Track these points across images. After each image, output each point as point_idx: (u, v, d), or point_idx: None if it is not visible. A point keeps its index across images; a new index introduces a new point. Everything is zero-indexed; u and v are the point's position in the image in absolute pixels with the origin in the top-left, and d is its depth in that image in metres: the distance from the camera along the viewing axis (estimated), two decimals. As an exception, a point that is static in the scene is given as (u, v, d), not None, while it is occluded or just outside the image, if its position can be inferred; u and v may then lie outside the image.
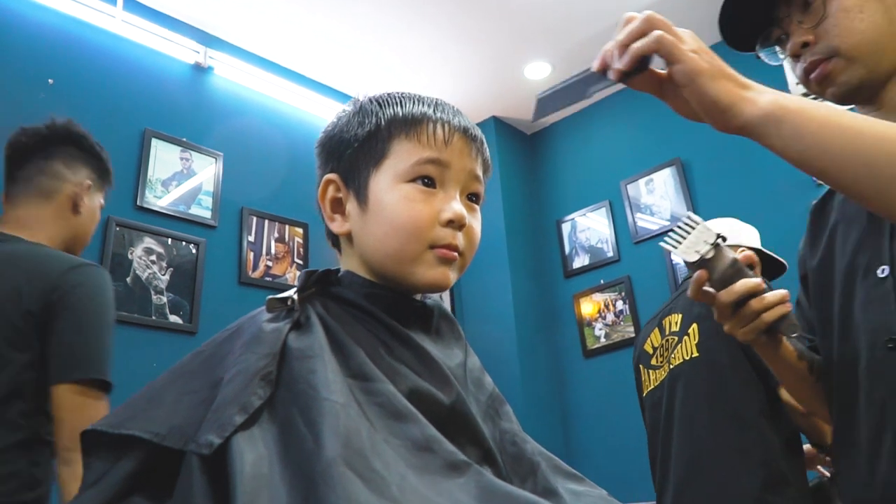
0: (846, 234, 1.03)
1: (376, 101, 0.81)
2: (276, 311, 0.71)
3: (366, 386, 0.65)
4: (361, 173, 0.78)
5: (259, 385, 0.61)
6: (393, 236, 0.75)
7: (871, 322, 0.94)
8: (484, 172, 0.84)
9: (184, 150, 2.86)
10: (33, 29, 2.59)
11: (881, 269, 0.94)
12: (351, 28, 3.16)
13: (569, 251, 3.76)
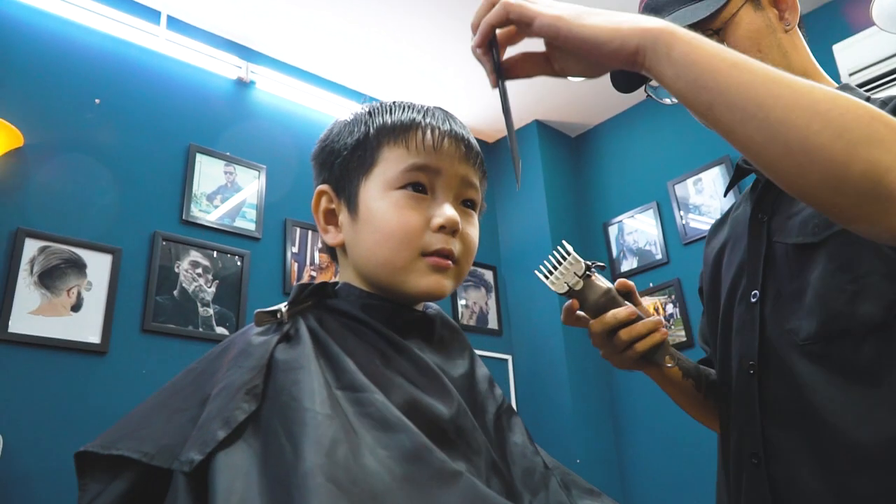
0: (732, 254, 1.00)
1: (367, 109, 0.80)
2: (265, 324, 0.70)
3: (356, 397, 0.62)
4: (352, 182, 0.77)
5: (244, 399, 0.60)
6: (384, 244, 0.73)
7: (740, 346, 0.92)
8: (481, 178, 0.81)
9: (227, 163, 2.90)
10: (81, 52, 2.66)
11: (753, 293, 0.92)
12: (389, 37, 3.17)
13: (616, 254, 3.69)
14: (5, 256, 2.24)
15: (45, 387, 2.18)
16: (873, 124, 0.60)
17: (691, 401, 1.05)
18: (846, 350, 0.80)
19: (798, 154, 0.60)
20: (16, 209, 2.31)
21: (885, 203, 0.58)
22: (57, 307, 2.27)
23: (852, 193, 0.59)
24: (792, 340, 0.85)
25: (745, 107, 0.62)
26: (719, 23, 0.89)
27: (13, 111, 2.35)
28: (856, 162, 0.58)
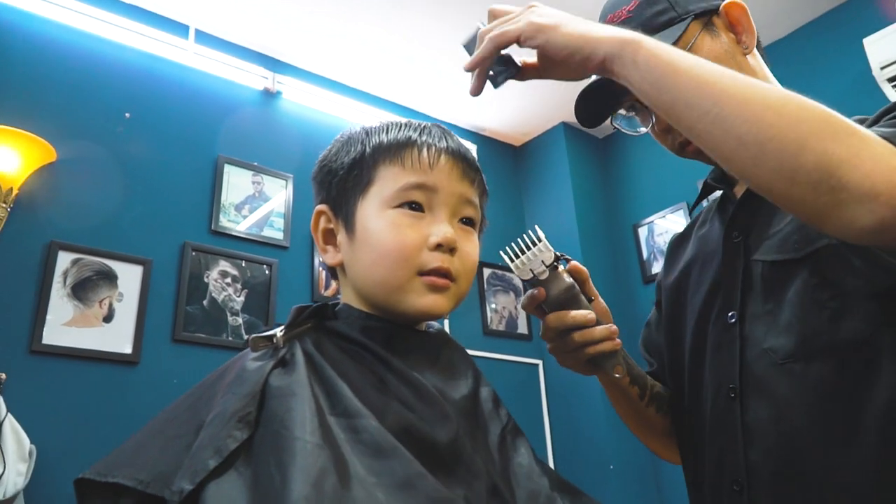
0: (701, 273, 0.97)
1: (364, 128, 0.80)
2: (261, 349, 0.70)
3: (350, 423, 0.62)
4: (349, 202, 0.77)
5: (236, 427, 0.59)
6: (380, 264, 0.73)
7: (717, 367, 0.89)
8: (480, 196, 0.81)
9: (255, 173, 2.93)
10: (111, 67, 2.72)
11: (731, 313, 0.89)
12: (415, 43, 3.17)
13: (647, 256, 3.64)
14: (39, 269, 2.29)
15: (78, 397, 2.22)
16: (827, 118, 0.62)
17: (632, 409, 1.03)
18: (828, 369, 0.77)
19: (752, 145, 0.62)
20: (49, 223, 2.37)
21: (838, 194, 0.59)
22: (89, 318, 2.32)
23: (805, 183, 0.60)
24: (772, 360, 0.82)
25: (701, 103, 0.66)
26: None
27: (46, 127, 2.41)
28: (808, 152, 0.60)
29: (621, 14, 0.93)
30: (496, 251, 3.38)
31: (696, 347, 0.95)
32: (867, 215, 0.59)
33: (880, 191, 0.58)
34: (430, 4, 2.94)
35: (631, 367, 0.98)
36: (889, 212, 0.58)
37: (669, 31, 0.88)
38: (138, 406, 2.31)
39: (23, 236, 2.30)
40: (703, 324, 0.94)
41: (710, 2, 0.91)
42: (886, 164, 0.59)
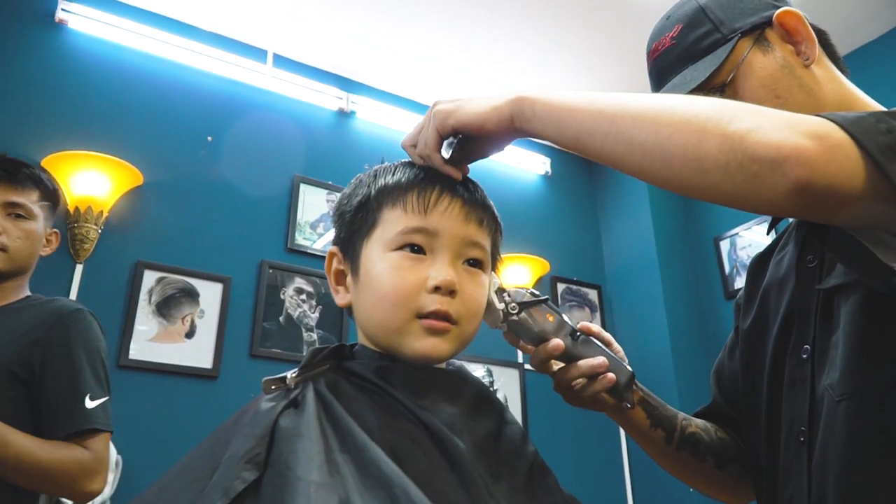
0: (777, 301, 0.90)
1: (373, 171, 0.81)
2: (274, 391, 0.70)
3: (358, 458, 0.62)
4: (355, 244, 0.77)
5: (245, 468, 0.60)
6: (379, 307, 0.73)
7: (790, 407, 0.82)
8: (492, 234, 0.80)
9: (329, 192, 3.00)
10: (194, 93, 2.85)
11: (805, 347, 0.81)
12: (483, 57, 3.19)
13: (729, 270, 3.50)
14: (127, 287, 2.42)
15: (160, 409, 2.33)
16: (722, 105, 0.63)
17: (660, 454, 0.96)
18: (887, 405, 0.70)
19: (655, 150, 0.64)
20: (136, 243, 2.50)
21: (749, 168, 0.58)
22: (172, 334, 2.43)
23: (715, 169, 0.60)
24: (831, 398, 0.75)
25: (600, 128, 0.68)
26: (724, 76, 0.83)
27: (134, 152, 2.55)
28: (709, 138, 0.60)
29: (665, 42, 0.90)
30: (571, 265, 3.33)
31: (773, 380, 0.88)
32: (782, 181, 0.57)
33: (787, 153, 0.57)
34: (506, 23, 2.95)
35: (653, 408, 0.93)
36: (801, 170, 0.57)
37: (715, 54, 0.84)
38: (217, 419, 2.36)
39: (112, 256, 2.44)
40: (780, 355, 0.88)
41: (760, 14, 0.86)
42: (789, 129, 0.58)
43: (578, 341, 0.83)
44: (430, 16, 2.92)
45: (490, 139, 0.79)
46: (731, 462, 0.99)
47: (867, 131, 0.58)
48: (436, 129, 0.78)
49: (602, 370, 0.82)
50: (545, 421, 3.15)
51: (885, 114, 0.61)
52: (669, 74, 0.89)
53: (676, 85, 0.86)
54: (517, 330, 0.83)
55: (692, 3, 0.89)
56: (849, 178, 0.57)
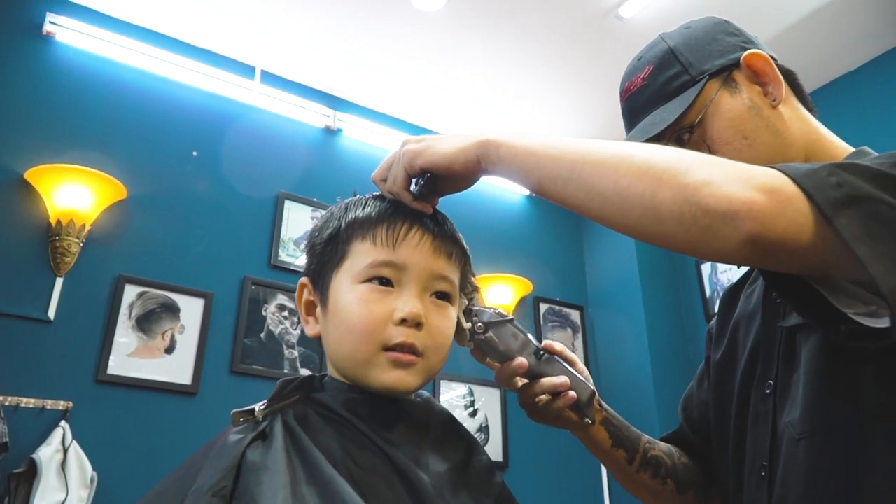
0: (746, 335, 0.92)
1: (344, 204, 0.82)
2: (242, 424, 0.70)
3: (324, 490, 0.62)
4: (325, 276, 0.78)
5: (210, 502, 0.61)
6: (346, 338, 0.74)
7: (754, 442, 0.84)
8: (461, 267, 0.81)
9: (314, 209, 3.00)
10: (181, 108, 2.85)
11: (769, 382, 0.83)
12: (471, 78, 3.21)
13: (710, 294, 3.53)
14: (108, 301, 2.40)
15: (139, 426, 2.31)
16: (678, 156, 0.64)
17: (622, 474, 0.98)
18: (848, 443, 0.71)
19: (613, 199, 0.65)
20: (118, 257, 2.48)
21: (702, 220, 0.59)
22: (152, 350, 2.41)
23: (670, 219, 0.61)
24: (791, 435, 0.76)
25: (560, 173, 0.69)
26: (693, 117, 0.85)
27: (118, 166, 2.55)
28: (664, 189, 0.62)
29: (636, 82, 0.91)
30: (553, 286, 3.36)
31: (739, 418, 0.90)
32: (734, 233, 0.58)
33: (738, 207, 0.58)
34: (492, 43, 2.98)
35: (616, 429, 0.95)
36: (752, 224, 0.58)
37: (683, 96, 0.85)
38: (196, 436, 2.37)
39: (93, 270, 2.42)
40: (746, 389, 0.89)
41: (728, 56, 0.87)
42: (741, 182, 0.59)
43: (542, 360, 0.85)
44: (419, 36, 2.95)
45: (457, 178, 0.80)
46: (692, 487, 1.00)
47: (818, 185, 0.59)
48: (404, 168, 0.79)
49: (563, 388, 0.84)
50: (526, 441, 3.15)
51: (837, 166, 0.61)
52: (641, 114, 0.90)
53: (647, 125, 0.87)
54: (483, 348, 0.85)
55: (662, 45, 0.91)
56: (799, 232, 0.58)
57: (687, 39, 0.90)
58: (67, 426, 2.13)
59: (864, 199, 0.58)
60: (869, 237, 0.57)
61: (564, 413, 0.86)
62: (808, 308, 0.68)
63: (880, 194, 0.59)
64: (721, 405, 0.95)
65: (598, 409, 0.92)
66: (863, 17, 2.82)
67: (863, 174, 0.60)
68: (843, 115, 2.92)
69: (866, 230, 0.57)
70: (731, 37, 0.90)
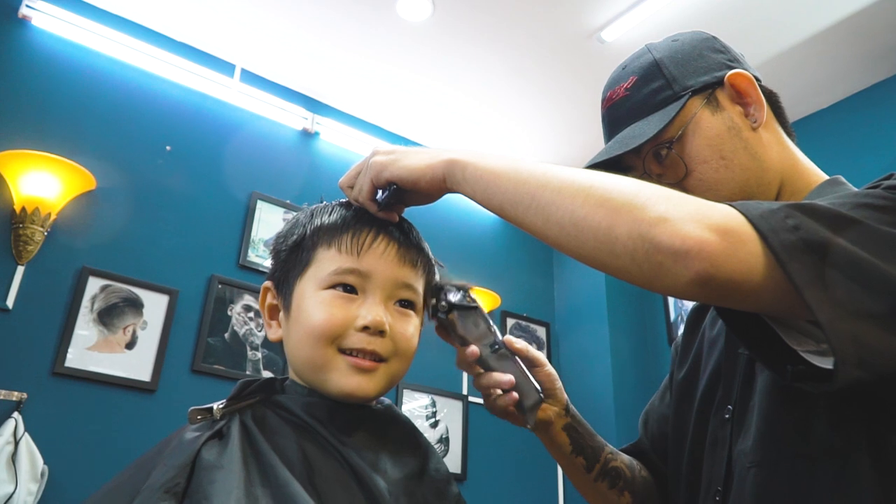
0: (708, 358, 0.93)
1: (310, 210, 0.83)
2: (199, 422, 0.71)
3: (277, 493, 0.62)
4: (290, 281, 0.79)
5: (162, 498, 0.61)
6: (306, 342, 0.75)
7: (710, 465, 0.84)
8: (425, 275, 0.82)
9: (287, 211, 2.99)
10: (157, 101, 2.82)
11: (728, 407, 0.84)
12: (453, 90, 3.23)
13: (674, 318, 3.58)
14: (69, 293, 2.36)
15: (94, 421, 2.26)
16: (637, 191, 0.63)
17: (580, 480, 0.98)
18: (796, 475, 0.72)
19: (569, 228, 0.66)
20: (83, 248, 2.44)
21: (654, 257, 0.60)
22: (112, 344, 2.37)
23: (624, 254, 0.62)
24: (744, 464, 0.77)
25: (521, 199, 0.70)
26: (673, 133, 0.85)
27: (89, 156, 2.51)
28: (619, 225, 0.62)
29: (619, 92, 0.91)
30: (521, 301, 3.38)
31: (695, 441, 0.91)
32: (684, 272, 0.58)
33: (689, 246, 0.58)
34: (475, 57, 3.00)
35: (578, 436, 0.95)
36: (702, 264, 0.58)
37: (665, 110, 0.85)
38: (152, 434, 2.32)
39: (56, 260, 2.38)
40: (705, 413, 0.90)
41: (713, 74, 0.87)
42: (695, 221, 0.59)
43: (496, 354, 0.85)
44: (403, 45, 2.96)
45: (422, 193, 0.80)
46: (649, 501, 1.01)
47: (774, 228, 0.59)
48: (370, 179, 0.79)
49: (505, 387, 0.83)
50: (486, 452, 3.15)
51: (795, 208, 0.62)
52: (621, 125, 0.90)
53: (626, 137, 0.87)
54: (446, 327, 0.86)
55: (648, 57, 0.91)
56: (749, 273, 0.59)
57: (673, 53, 0.90)
58: (20, 418, 2.09)
59: (819, 243, 0.59)
60: (821, 283, 0.57)
61: (511, 411, 0.86)
62: (758, 345, 0.69)
63: (836, 239, 0.59)
64: (679, 425, 0.96)
65: (562, 414, 0.93)
66: (832, 58, 2.89)
67: (820, 217, 0.60)
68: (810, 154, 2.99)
69: (819, 275, 0.57)
70: (717, 53, 0.90)
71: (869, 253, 0.59)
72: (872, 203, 0.63)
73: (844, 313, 0.56)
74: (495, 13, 2.76)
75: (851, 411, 0.69)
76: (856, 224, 0.60)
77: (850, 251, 0.59)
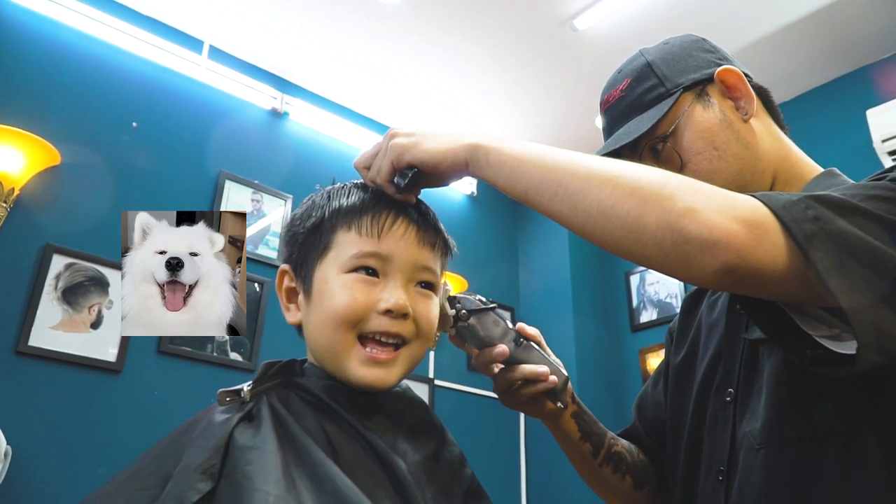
0: (707, 342, 0.97)
1: (327, 192, 0.82)
2: (228, 403, 0.71)
3: (313, 472, 0.63)
4: (308, 264, 0.79)
5: (199, 479, 0.61)
6: (326, 326, 0.75)
7: (711, 446, 0.88)
8: (442, 257, 0.83)
9: (255, 191, 2.96)
10: (123, 76, 2.76)
11: (729, 391, 0.88)
12: (425, 74, 3.22)
13: (637, 304, 3.66)
14: (33, 270, 2.31)
15: (58, 401, 2.23)
16: (665, 180, 0.65)
17: (585, 467, 1.01)
18: (805, 456, 0.75)
19: (597, 216, 0.67)
20: (47, 225, 2.39)
21: (682, 247, 0.62)
22: (77, 323, 2.33)
23: (652, 243, 0.63)
24: (750, 445, 0.80)
25: (547, 187, 0.71)
26: (666, 127, 0.88)
27: (52, 130, 2.44)
28: (648, 214, 0.64)
29: (615, 94, 0.95)
30: (487, 286, 3.39)
31: (695, 419, 0.94)
32: (711, 262, 0.61)
33: (718, 237, 0.60)
34: (447, 41, 3.00)
35: (585, 423, 0.99)
36: (729, 255, 0.60)
37: (658, 107, 0.89)
38: (118, 415, 2.31)
39: (19, 237, 2.32)
40: (704, 395, 0.93)
41: (703, 71, 0.91)
42: (723, 213, 0.62)
43: (521, 347, 0.88)
44: (376, 27, 2.94)
45: (441, 176, 0.81)
46: (648, 484, 1.05)
47: (796, 218, 0.62)
48: (391, 162, 0.79)
49: (543, 378, 0.87)
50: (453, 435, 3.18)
51: (813, 199, 0.64)
52: (618, 124, 0.93)
53: (622, 133, 0.90)
54: (464, 334, 0.87)
55: (641, 59, 0.95)
56: (773, 262, 0.61)
57: (664, 54, 0.93)
58: (-19, 398, 2.05)
59: (837, 232, 0.62)
60: (841, 270, 0.60)
61: (538, 398, 0.89)
62: (776, 330, 0.71)
63: (852, 229, 0.62)
64: (677, 408, 1.00)
65: (570, 402, 0.96)
66: (795, 53, 2.97)
67: (837, 208, 0.64)
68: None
69: (839, 263, 0.60)
70: (706, 53, 0.94)
71: (882, 242, 0.62)
72: (881, 195, 0.66)
73: (864, 301, 0.59)
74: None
75: (858, 394, 0.72)
76: (868, 215, 0.64)
77: (865, 241, 0.62)
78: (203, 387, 2.50)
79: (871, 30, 2.88)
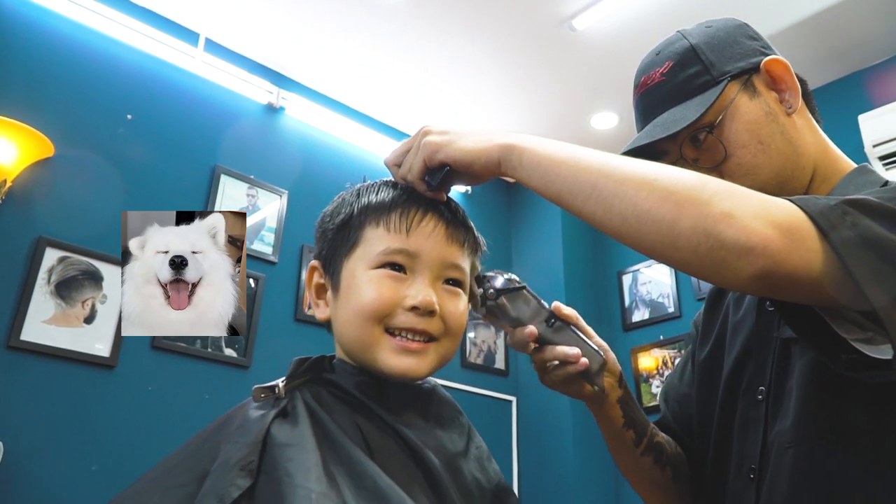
0: (733, 338, 0.96)
1: (356, 189, 0.82)
2: (263, 400, 0.71)
3: (352, 470, 0.63)
4: (337, 260, 0.79)
5: (238, 475, 0.61)
6: (354, 321, 0.75)
7: (742, 446, 0.88)
8: (471, 254, 0.82)
9: (251, 186, 2.94)
10: (119, 67, 2.72)
11: (760, 388, 0.87)
12: (423, 72, 3.22)
13: (629, 304, 3.68)
14: (25, 264, 2.27)
15: (51, 396, 2.20)
16: (701, 185, 0.65)
17: (626, 454, 0.99)
18: (833, 457, 0.75)
19: (632, 220, 0.67)
20: (40, 217, 2.35)
21: (717, 252, 0.62)
22: (70, 318, 2.30)
23: (687, 248, 0.63)
24: (781, 444, 0.80)
25: (582, 189, 0.70)
26: (712, 118, 0.85)
27: (46, 122, 2.41)
28: (683, 219, 0.63)
29: (654, 77, 0.91)
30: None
31: (724, 416, 0.93)
32: (746, 268, 0.61)
33: (754, 243, 0.60)
34: (446, 39, 2.99)
35: (630, 410, 0.96)
36: (765, 261, 0.60)
37: (704, 95, 0.85)
38: (111, 410, 2.28)
39: (11, 229, 2.29)
40: (732, 393, 0.92)
41: (749, 60, 0.88)
42: (760, 218, 0.62)
43: (553, 327, 0.86)
44: (374, 24, 2.93)
45: (473, 175, 0.80)
46: (684, 477, 1.03)
47: (833, 224, 0.62)
48: (423, 159, 0.78)
49: (574, 360, 0.84)
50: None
51: (849, 204, 0.64)
52: (657, 110, 0.89)
53: (665, 122, 0.87)
54: (496, 313, 0.85)
55: (684, 43, 0.90)
56: (809, 269, 0.61)
57: (709, 39, 0.90)
58: (-27, 392, 2.02)
59: (875, 238, 0.62)
60: (878, 277, 0.60)
61: (576, 380, 0.87)
62: (810, 333, 0.71)
63: (889, 235, 0.62)
64: (703, 404, 0.99)
65: (616, 386, 0.93)
66: (790, 57, 2.98)
67: (874, 213, 0.63)
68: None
69: (875, 270, 0.60)
70: (751, 40, 0.91)
71: None
72: None
73: None
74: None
75: (888, 396, 0.72)
76: None
77: None
78: (197, 383, 2.48)
79: (863, 35, 2.91)
